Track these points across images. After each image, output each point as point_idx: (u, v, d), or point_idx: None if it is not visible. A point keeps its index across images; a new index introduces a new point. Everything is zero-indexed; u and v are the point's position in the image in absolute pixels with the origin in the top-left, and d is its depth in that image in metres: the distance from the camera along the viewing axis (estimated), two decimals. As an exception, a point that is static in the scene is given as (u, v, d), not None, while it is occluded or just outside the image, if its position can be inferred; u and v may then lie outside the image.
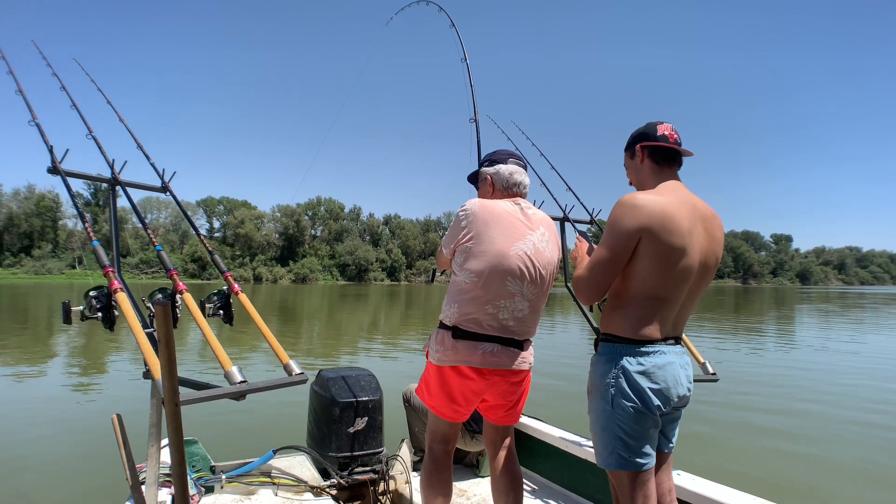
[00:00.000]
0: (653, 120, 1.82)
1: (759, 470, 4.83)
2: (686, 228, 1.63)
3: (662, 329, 1.67)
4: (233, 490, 2.49)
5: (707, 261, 1.72)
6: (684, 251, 1.63)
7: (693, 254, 1.66)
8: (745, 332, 17.04)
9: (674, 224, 1.61)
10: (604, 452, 1.69)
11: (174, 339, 1.20)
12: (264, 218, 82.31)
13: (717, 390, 7.79)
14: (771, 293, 63.15)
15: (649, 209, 1.61)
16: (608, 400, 1.66)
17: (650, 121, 1.83)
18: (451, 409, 1.99)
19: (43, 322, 16.41)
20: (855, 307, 31.30)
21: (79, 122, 2.22)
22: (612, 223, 1.66)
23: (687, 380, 1.73)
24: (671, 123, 1.80)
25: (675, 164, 1.80)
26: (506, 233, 1.91)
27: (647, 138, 1.79)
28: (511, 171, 2.08)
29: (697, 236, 1.68)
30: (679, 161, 1.80)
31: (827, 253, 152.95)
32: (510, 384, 2.00)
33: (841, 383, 8.84)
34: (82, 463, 4.32)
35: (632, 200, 1.64)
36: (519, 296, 1.91)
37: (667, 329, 1.69)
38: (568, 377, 8.60)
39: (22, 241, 65.79)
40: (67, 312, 1.55)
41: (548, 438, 2.95)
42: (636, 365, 1.63)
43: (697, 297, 1.77)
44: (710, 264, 1.74)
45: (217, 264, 2.04)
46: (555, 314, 21.32)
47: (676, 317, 1.72)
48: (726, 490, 2.15)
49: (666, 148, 1.77)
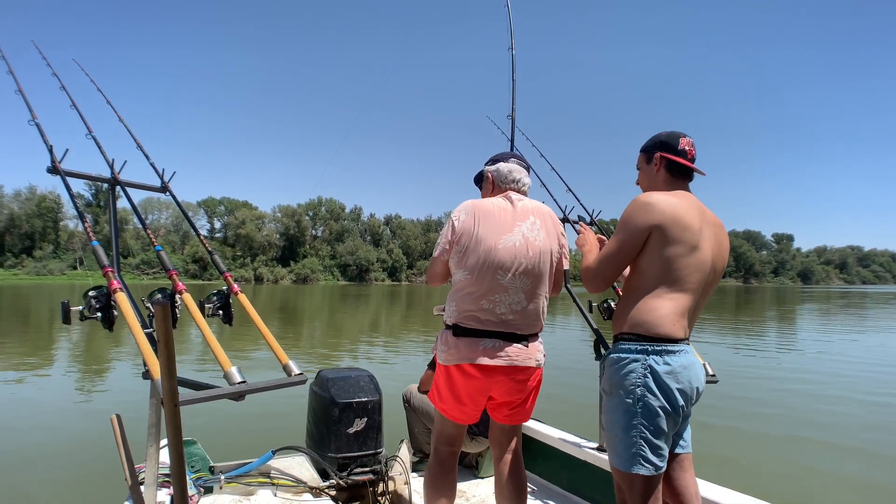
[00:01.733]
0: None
1: (760, 470, 4.82)
2: (697, 226, 1.69)
3: (684, 327, 1.70)
4: (232, 490, 2.49)
5: (716, 264, 1.76)
6: (697, 245, 1.68)
7: (706, 249, 1.71)
8: (746, 334, 17.01)
9: (685, 221, 1.67)
10: (625, 454, 1.67)
11: (174, 339, 1.20)
12: (265, 218, 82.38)
13: (718, 391, 7.78)
14: (772, 293, 63.06)
15: (661, 207, 1.68)
16: (634, 400, 1.65)
17: (672, 130, 1.87)
18: (458, 410, 1.99)
19: (44, 323, 16.43)
20: (857, 306, 31.07)
21: (79, 121, 2.23)
22: (625, 219, 1.74)
23: (702, 378, 1.76)
24: (691, 138, 1.85)
25: (688, 179, 1.86)
26: (494, 227, 1.93)
27: (668, 149, 1.83)
28: (510, 168, 2.10)
29: (708, 237, 1.73)
30: (692, 177, 1.86)
31: (828, 252, 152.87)
32: (515, 381, 1.96)
33: (843, 384, 8.83)
34: (81, 463, 4.31)
35: (646, 199, 1.72)
36: (513, 288, 1.91)
37: (687, 327, 1.72)
38: (568, 377, 8.59)
39: (23, 242, 65.91)
40: (67, 312, 1.55)
41: (548, 440, 2.95)
42: (663, 365, 1.64)
43: (705, 299, 1.79)
44: (718, 268, 1.78)
45: (217, 264, 2.04)
46: (555, 315, 21.31)
47: (691, 315, 1.74)
48: (726, 492, 2.15)
49: (683, 164, 1.82)
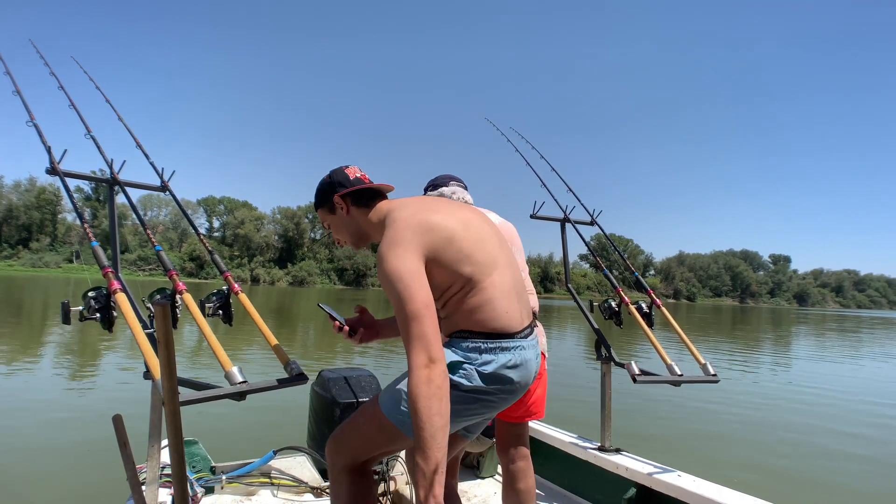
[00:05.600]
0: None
1: (759, 471, 4.82)
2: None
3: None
4: (233, 490, 2.49)
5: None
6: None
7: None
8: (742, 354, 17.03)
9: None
10: None
11: (174, 339, 1.19)
12: (264, 219, 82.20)
13: (718, 391, 7.79)
14: (768, 313, 63.17)
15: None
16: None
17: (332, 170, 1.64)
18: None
19: (38, 318, 16.36)
20: (853, 331, 30.42)
21: (77, 120, 2.21)
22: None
23: None
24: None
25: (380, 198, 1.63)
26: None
27: (341, 186, 1.60)
28: (453, 190, 2.22)
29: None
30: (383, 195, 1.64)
31: (825, 275, 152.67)
32: None
33: (842, 400, 8.84)
34: (82, 463, 4.30)
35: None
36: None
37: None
38: (568, 378, 8.59)
39: (20, 234, 65.65)
40: (66, 313, 1.54)
41: (549, 440, 2.95)
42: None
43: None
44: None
45: (217, 264, 2.03)
46: (554, 315, 21.33)
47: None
48: (727, 491, 2.15)
49: (368, 189, 1.60)
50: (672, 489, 2.24)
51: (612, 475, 2.52)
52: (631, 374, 2.32)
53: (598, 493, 2.63)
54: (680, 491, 2.21)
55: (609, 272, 2.87)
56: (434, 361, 1.25)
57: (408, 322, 1.28)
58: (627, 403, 6.74)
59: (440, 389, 1.23)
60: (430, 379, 1.23)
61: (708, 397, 7.73)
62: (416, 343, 1.26)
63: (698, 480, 2.26)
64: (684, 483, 2.22)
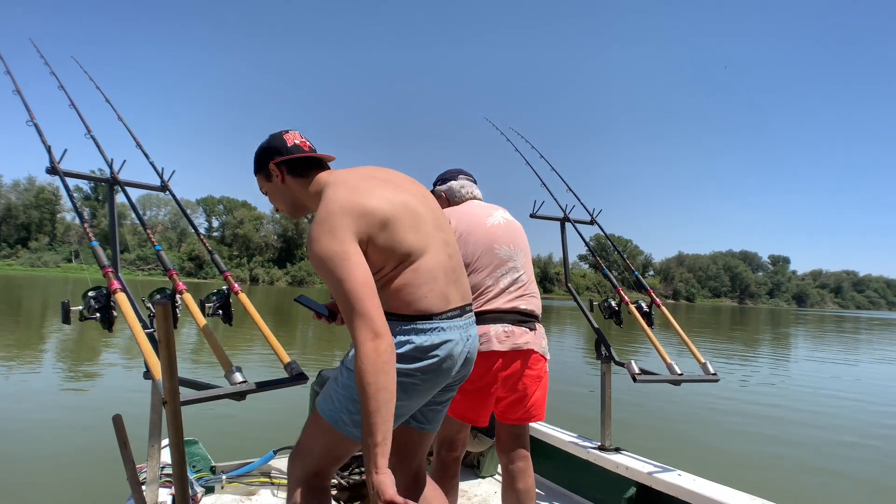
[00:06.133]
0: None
1: (759, 470, 4.83)
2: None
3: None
4: (233, 490, 2.49)
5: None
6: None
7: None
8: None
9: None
10: None
11: (174, 339, 1.19)
12: (263, 219, 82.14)
13: (718, 390, 7.79)
14: (767, 314, 63.19)
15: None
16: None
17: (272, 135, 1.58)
18: (462, 405, 1.95)
19: (37, 317, 16.35)
20: (852, 332, 30.24)
21: (77, 119, 2.21)
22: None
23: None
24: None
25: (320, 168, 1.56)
26: (475, 217, 2.06)
27: (277, 153, 1.53)
28: (462, 184, 2.23)
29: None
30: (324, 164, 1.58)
31: (824, 276, 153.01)
32: (518, 368, 1.93)
33: (840, 398, 8.85)
34: (82, 463, 4.30)
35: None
36: (513, 266, 2.02)
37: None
38: (568, 377, 8.60)
39: (19, 233, 65.73)
40: (66, 313, 1.54)
41: (548, 439, 2.95)
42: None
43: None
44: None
45: (217, 264, 2.03)
46: (553, 315, 21.33)
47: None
48: (727, 490, 2.15)
49: (305, 158, 1.54)
50: (672, 488, 2.24)
51: (613, 474, 2.51)
52: (631, 374, 2.31)
53: (598, 493, 2.63)
54: (680, 490, 2.21)
55: (609, 272, 2.87)
56: (379, 336, 1.22)
57: (348, 301, 1.25)
58: (628, 403, 6.74)
59: (387, 364, 1.21)
60: (378, 351, 1.21)
61: (708, 397, 7.74)
62: (359, 320, 1.23)
63: (698, 479, 2.26)
64: (684, 482, 2.22)
